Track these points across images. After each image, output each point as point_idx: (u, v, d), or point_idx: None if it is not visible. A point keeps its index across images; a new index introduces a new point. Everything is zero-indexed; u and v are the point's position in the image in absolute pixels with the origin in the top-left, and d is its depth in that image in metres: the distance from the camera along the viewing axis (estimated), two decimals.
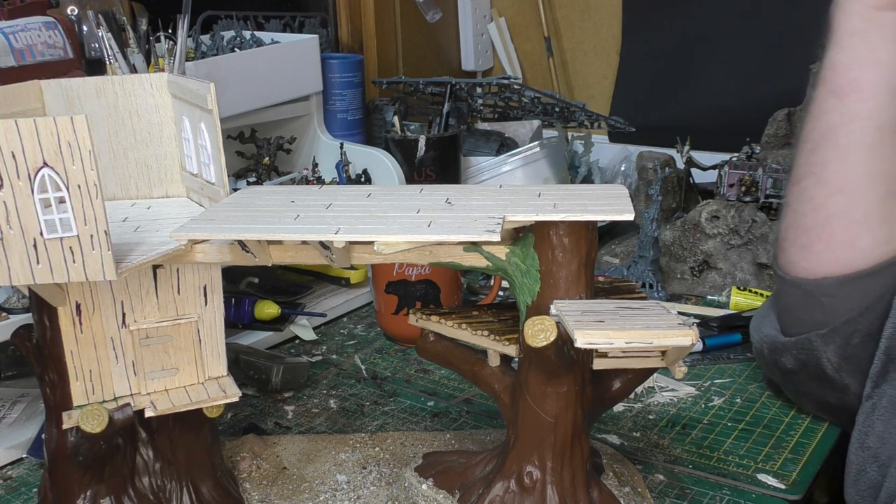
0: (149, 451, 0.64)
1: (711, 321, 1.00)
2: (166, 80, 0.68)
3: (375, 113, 1.39)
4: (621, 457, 0.74)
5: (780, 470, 0.74)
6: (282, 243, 0.59)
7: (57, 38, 0.90)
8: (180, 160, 0.70)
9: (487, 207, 0.58)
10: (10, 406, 0.85)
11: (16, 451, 0.79)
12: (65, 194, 0.51)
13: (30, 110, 0.65)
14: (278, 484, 0.71)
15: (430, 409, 0.86)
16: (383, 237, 0.54)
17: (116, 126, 0.68)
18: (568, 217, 0.55)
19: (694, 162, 1.28)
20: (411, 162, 1.23)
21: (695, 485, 0.73)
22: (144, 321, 0.61)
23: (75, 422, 0.59)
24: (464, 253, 0.59)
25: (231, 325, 0.98)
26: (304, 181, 1.18)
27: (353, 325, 1.07)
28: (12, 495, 0.74)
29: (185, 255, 0.59)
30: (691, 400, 0.86)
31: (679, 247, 1.11)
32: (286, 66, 1.14)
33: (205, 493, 0.66)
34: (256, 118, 1.14)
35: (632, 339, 0.50)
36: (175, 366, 0.62)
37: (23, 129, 0.49)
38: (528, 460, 0.61)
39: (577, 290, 0.57)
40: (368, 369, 0.95)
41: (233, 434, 0.80)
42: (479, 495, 0.62)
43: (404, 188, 0.76)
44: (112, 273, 0.53)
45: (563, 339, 0.54)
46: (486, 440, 0.77)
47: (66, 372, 0.59)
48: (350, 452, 0.76)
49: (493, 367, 0.64)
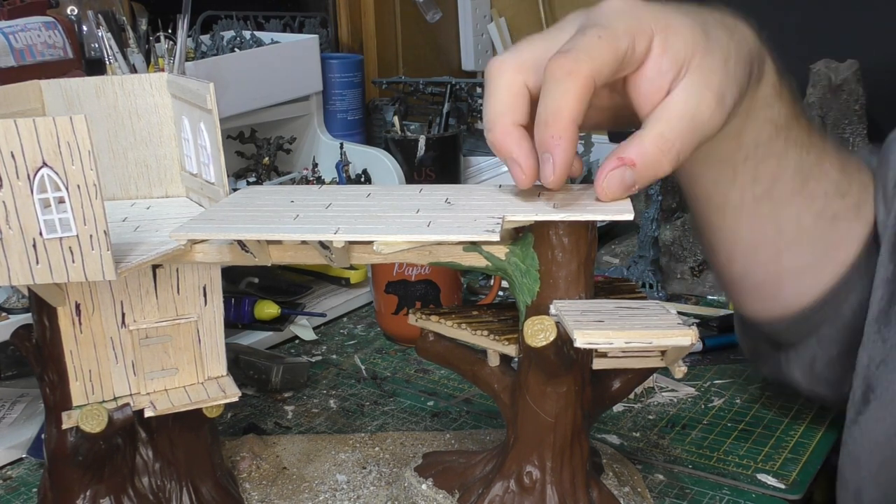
0: (148, 451, 0.64)
1: (711, 321, 1.00)
2: (166, 80, 0.68)
3: (375, 113, 1.39)
4: (621, 457, 0.74)
5: (780, 470, 0.74)
6: (281, 243, 0.59)
7: (57, 38, 0.90)
8: (180, 160, 0.70)
9: (487, 207, 0.57)
10: (10, 406, 0.85)
11: (15, 451, 0.79)
12: (64, 194, 0.51)
13: (29, 110, 0.65)
14: (278, 484, 0.71)
15: (430, 409, 0.86)
16: (383, 237, 0.54)
17: (116, 126, 0.68)
18: (568, 217, 0.55)
19: None
20: (411, 162, 1.23)
21: (695, 485, 0.73)
22: (144, 321, 0.61)
23: (75, 422, 0.59)
24: (463, 253, 0.59)
25: (231, 325, 0.98)
26: (304, 181, 1.18)
27: (353, 325, 1.06)
28: (12, 495, 0.74)
29: (184, 255, 0.59)
30: (691, 400, 0.86)
31: (679, 247, 1.11)
32: (286, 66, 1.14)
33: (204, 493, 0.66)
34: (256, 118, 1.14)
35: (631, 339, 0.50)
36: (175, 366, 0.62)
37: (22, 129, 0.49)
38: (527, 460, 0.61)
39: (576, 290, 0.57)
40: (368, 369, 0.95)
41: (233, 434, 0.80)
42: (479, 495, 0.62)
43: (404, 188, 0.76)
44: (111, 273, 0.53)
45: (563, 338, 0.54)
46: (485, 440, 0.77)
47: (65, 372, 0.59)
48: (350, 452, 0.76)
49: (492, 367, 0.64)
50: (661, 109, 0.54)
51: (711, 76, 0.54)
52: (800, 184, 0.66)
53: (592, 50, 0.52)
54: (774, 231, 0.67)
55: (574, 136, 0.53)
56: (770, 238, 0.68)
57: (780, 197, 0.66)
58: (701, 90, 0.54)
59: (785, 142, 0.64)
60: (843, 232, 0.68)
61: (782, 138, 0.64)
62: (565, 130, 0.52)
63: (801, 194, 0.66)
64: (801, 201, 0.66)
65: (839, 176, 0.67)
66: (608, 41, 0.52)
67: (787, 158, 0.65)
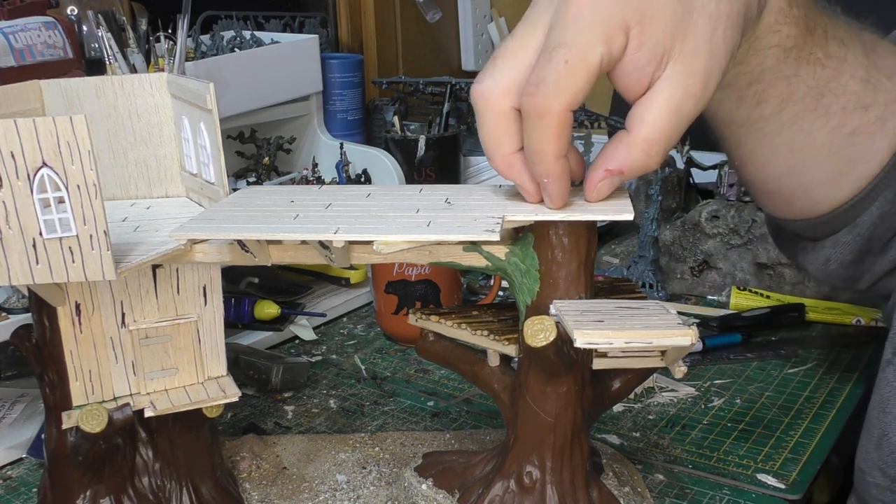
0: (148, 451, 0.64)
1: (711, 321, 1.00)
2: (166, 80, 0.68)
3: (375, 113, 1.39)
4: (621, 457, 0.74)
5: (780, 470, 0.74)
6: (281, 243, 0.59)
7: (57, 38, 0.90)
8: (180, 160, 0.70)
9: (487, 207, 0.57)
10: (10, 406, 0.85)
11: (15, 451, 0.79)
12: (64, 194, 0.51)
13: (29, 110, 0.65)
14: (278, 484, 0.71)
15: (430, 409, 0.86)
16: (383, 237, 0.54)
17: (116, 126, 0.68)
18: (568, 217, 0.55)
19: (694, 162, 1.28)
20: (411, 162, 1.23)
21: (695, 485, 0.73)
22: (144, 321, 0.61)
23: (75, 422, 0.59)
24: (463, 253, 0.59)
25: (231, 325, 0.98)
26: (304, 181, 1.18)
27: (352, 325, 1.06)
28: (12, 495, 0.74)
29: (184, 255, 0.59)
30: (691, 400, 0.86)
31: (679, 247, 1.11)
32: (286, 66, 1.14)
33: (204, 493, 0.66)
34: (256, 118, 1.14)
35: (631, 339, 0.50)
36: (175, 366, 0.62)
37: (22, 129, 0.49)
38: (527, 460, 0.61)
39: (576, 289, 0.57)
40: (368, 369, 0.95)
41: (233, 434, 0.80)
42: (479, 495, 0.62)
43: (404, 188, 0.76)
44: (111, 273, 0.53)
45: (563, 338, 0.54)
46: (485, 440, 0.77)
47: (65, 372, 0.59)
48: (350, 452, 0.76)
49: (492, 367, 0.64)
50: (645, 108, 0.52)
51: (695, 61, 0.52)
52: (813, 101, 0.63)
53: (562, 81, 0.50)
54: (786, 148, 0.65)
55: (561, 168, 0.53)
56: (781, 154, 0.66)
57: (791, 116, 0.63)
58: (685, 80, 0.52)
59: (795, 61, 0.61)
60: (862, 146, 0.65)
61: (792, 58, 0.61)
62: (552, 168, 0.53)
63: (814, 111, 0.63)
64: (815, 118, 0.63)
65: (861, 87, 0.63)
66: (577, 66, 0.50)
67: (797, 78, 0.62)
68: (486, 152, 0.56)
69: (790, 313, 1.01)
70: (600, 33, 0.50)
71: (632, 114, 0.53)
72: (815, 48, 0.62)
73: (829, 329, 1.00)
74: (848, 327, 1.00)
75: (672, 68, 0.52)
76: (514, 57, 0.54)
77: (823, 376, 0.90)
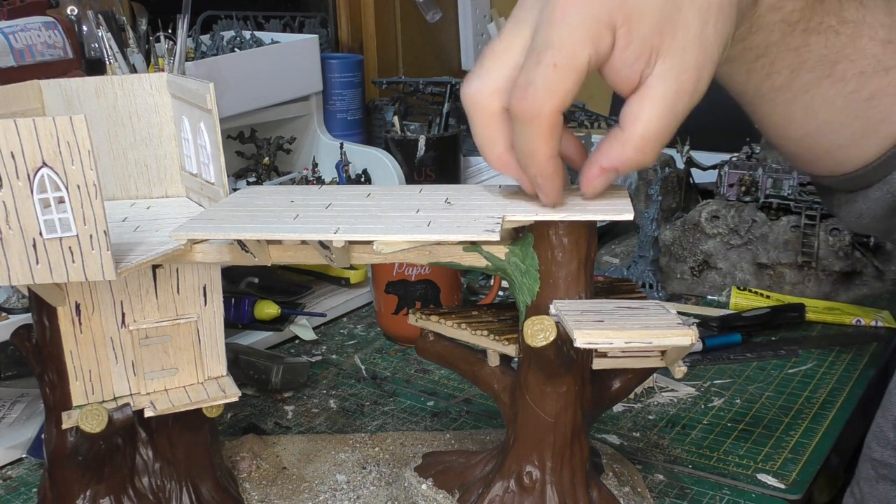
0: (148, 451, 0.64)
1: (711, 321, 1.00)
2: (166, 80, 0.68)
3: (375, 113, 1.39)
4: (621, 457, 0.74)
5: (780, 470, 0.74)
6: (281, 243, 0.59)
7: (57, 38, 0.90)
8: (180, 160, 0.70)
9: (487, 207, 0.58)
10: (10, 406, 0.85)
11: (15, 451, 0.79)
12: (64, 194, 0.51)
13: (29, 110, 0.65)
14: (278, 484, 0.71)
15: (430, 409, 0.86)
16: (383, 237, 0.54)
17: (116, 126, 0.68)
18: (568, 217, 0.55)
19: (694, 162, 1.28)
20: (411, 162, 1.23)
21: (695, 485, 0.73)
22: (144, 321, 0.61)
23: (75, 422, 0.59)
24: (463, 253, 0.59)
25: (231, 325, 0.98)
26: (304, 181, 1.18)
27: (352, 325, 1.06)
28: (12, 495, 0.74)
29: (184, 255, 0.59)
30: (691, 400, 0.86)
31: (679, 247, 1.11)
32: (286, 66, 1.14)
33: (204, 493, 0.66)
34: (256, 118, 1.14)
35: (631, 339, 0.50)
36: (174, 366, 0.62)
37: (22, 129, 0.49)
38: (527, 460, 0.61)
39: (576, 289, 0.57)
40: (368, 369, 0.95)
41: (232, 434, 0.80)
42: (479, 495, 0.62)
43: (404, 188, 0.76)
44: (111, 273, 0.53)
45: (563, 338, 0.54)
46: (485, 440, 0.77)
47: (65, 372, 0.59)
48: (350, 452, 0.76)
49: (492, 367, 0.64)
50: (638, 106, 0.52)
51: (686, 56, 0.52)
52: (827, 68, 0.61)
53: (551, 84, 0.50)
54: (802, 114, 0.64)
55: (554, 168, 0.53)
56: (797, 120, 0.65)
57: (803, 84, 0.63)
58: (677, 76, 0.52)
59: (803, 33, 0.60)
60: (885, 109, 0.63)
61: (799, 31, 0.60)
62: (544, 169, 0.53)
63: (828, 78, 0.62)
64: (830, 84, 0.62)
65: (881, 49, 0.61)
66: (565, 68, 0.50)
67: (807, 48, 0.60)
68: (480, 151, 0.56)
69: (790, 313, 1.01)
70: (587, 34, 0.50)
71: (625, 110, 0.53)
72: (827, 16, 0.60)
73: (829, 329, 1.00)
74: (848, 327, 1.00)
75: (663, 65, 0.51)
76: (502, 57, 0.54)
77: (823, 376, 0.90)
